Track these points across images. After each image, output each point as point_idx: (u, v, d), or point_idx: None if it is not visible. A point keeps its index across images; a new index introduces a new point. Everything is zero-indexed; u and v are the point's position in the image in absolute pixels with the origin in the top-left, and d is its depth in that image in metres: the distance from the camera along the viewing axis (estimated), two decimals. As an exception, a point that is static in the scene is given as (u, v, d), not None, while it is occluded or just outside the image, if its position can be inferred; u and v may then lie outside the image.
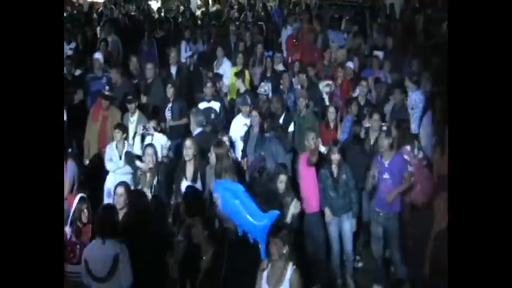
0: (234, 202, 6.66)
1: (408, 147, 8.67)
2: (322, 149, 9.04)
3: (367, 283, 7.88)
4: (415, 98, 10.28)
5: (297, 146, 9.71)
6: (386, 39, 13.78)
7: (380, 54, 12.92)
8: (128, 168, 8.93)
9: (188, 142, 8.46)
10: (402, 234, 8.13)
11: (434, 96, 10.34)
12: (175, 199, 8.09)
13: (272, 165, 8.52)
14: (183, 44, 14.77)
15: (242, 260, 6.45)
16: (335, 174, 8.31)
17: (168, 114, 10.87)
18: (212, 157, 8.06)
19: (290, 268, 5.92)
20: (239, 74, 12.06)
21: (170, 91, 10.95)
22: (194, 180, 8.21)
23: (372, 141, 9.07)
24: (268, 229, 6.22)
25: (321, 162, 8.51)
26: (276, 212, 6.56)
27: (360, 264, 8.72)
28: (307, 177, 8.43)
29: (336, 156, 8.28)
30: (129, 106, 10.19)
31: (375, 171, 8.26)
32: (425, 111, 10.19)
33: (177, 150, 9.46)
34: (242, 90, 11.65)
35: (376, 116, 9.13)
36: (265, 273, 6.03)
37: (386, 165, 8.28)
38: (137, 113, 10.19)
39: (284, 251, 5.89)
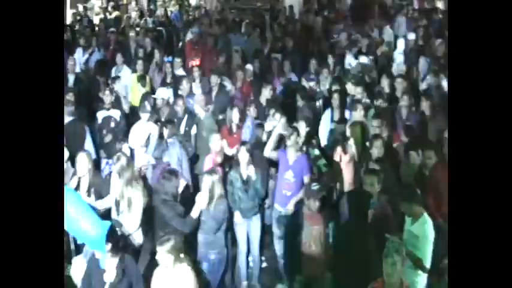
0: (69, 212, 6.33)
1: (314, 141, 8.77)
2: (228, 151, 9.04)
3: (271, 283, 7.99)
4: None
5: (198, 149, 9.68)
6: (286, 40, 13.97)
7: (278, 56, 13.07)
8: None
9: (80, 156, 8.11)
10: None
11: (332, 95, 10.53)
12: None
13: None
14: (79, 52, 14.38)
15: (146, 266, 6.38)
16: (244, 176, 8.29)
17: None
18: (114, 172, 7.88)
19: (183, 269, 5.92)
20: (140, 79, 11.90)
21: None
22: (89, 195, 7.97)
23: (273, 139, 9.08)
24: (105, 238, 6.15)
25: (226, 163, 8.49)
26: (107, 223, 6.49)
27: (264, 265, 8.76)
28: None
29: (244, 158, 8.26)
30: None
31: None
32: (325, 110, 10.40)
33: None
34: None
35: (277, 116, 9.19)
36: (161, 277, 5.99)
37: (290, 164, 8.35)
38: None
39: (170, 260, 5.89)
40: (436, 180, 7.85)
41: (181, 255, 6.04)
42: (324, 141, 9.76)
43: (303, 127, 9.03)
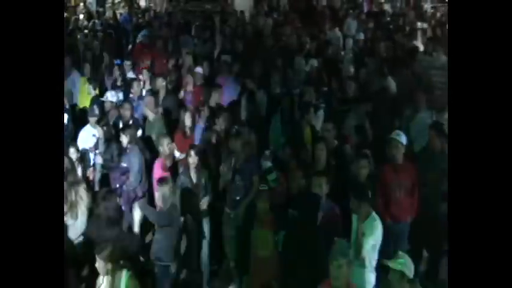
0: None
1: (267, 152, 8.75)
2: (177, 154, 8.97)
3: (222, 285, 7.94)
4: (260, 99, 10.53)
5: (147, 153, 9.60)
6: (235, 43, 13.96)
7: (228, 58, 13.05)
8: None
9: None
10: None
11: (281, 98, 10.55)
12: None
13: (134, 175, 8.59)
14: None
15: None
16: (194, 179, 8.25)
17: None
18: None
19: (124, 276, 5.92)
20: (89, 82, 11.74)
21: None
22: None
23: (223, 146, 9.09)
24: None
25: (176, 167, 8.45)
26: None
27: (215, 267, 8.73)
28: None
29: (193, 160, 8.22)
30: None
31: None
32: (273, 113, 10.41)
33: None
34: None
35: (223, 118, 9.18)
36: (102, 286, 5.96)
37: (237, 168, 8.36)
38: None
39: (109, 267, 5.87)
40: (383, 181, 7.99)
41: (121, 262, 5.99)
42: (273, 144, 9.77)
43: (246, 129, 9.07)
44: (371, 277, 6.67)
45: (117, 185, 8.67)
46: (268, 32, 15.55)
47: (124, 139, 8.94)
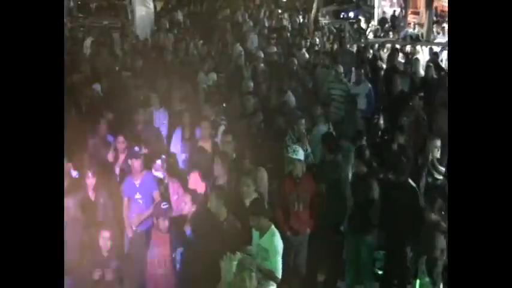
0: None
1: (159, 161, 8.66)
2: (74, 174, 8.77)
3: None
4: (159, 117, 10.46)
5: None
6: (135, 59, 13.78)
7: (128, 74, 12.88)
8: None
9: None
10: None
11: (182, 114, 10.49)
12: None
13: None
14: None
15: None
16: (93, 199, 8.10)
17: None
18: None
19: None
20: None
21: None
22: None
23: (120, 162, 8.98)
24: None
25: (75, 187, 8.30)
26: None
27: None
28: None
29: (91, 181, 8.08)
30: None
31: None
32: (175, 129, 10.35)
33: None
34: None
35: (120, 138, 9.09)
36: None
37: (137, 186, 8.29)
38: None
39: None
40: (282, 194, 8.09)
41: None
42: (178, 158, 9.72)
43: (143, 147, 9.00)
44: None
45: None
46: (169, 48, 15.47)
47: None
